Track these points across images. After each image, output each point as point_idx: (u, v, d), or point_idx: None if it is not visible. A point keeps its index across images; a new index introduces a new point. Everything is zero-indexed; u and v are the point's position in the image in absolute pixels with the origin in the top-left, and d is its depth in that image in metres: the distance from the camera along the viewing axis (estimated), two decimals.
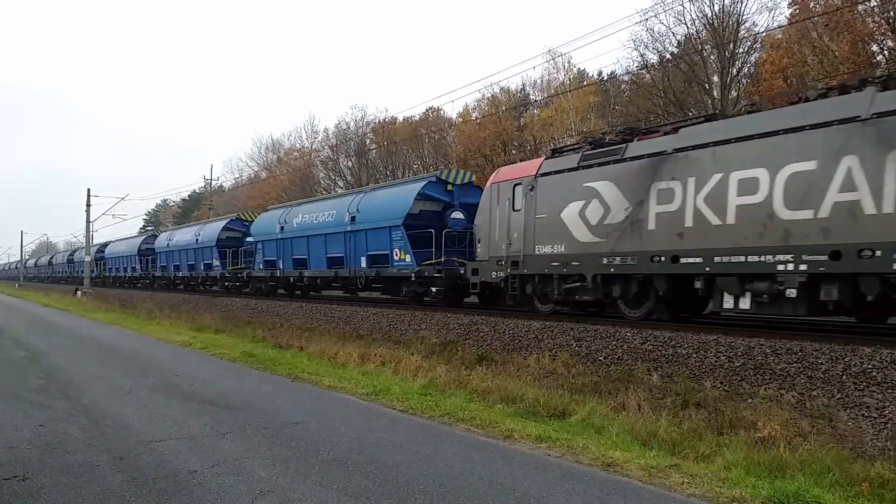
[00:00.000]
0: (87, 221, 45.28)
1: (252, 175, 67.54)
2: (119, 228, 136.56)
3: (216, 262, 29.25)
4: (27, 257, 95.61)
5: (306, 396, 9.64)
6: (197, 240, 31.42)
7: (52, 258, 76.36)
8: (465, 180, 18.01)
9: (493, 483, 5.62)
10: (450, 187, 17.52)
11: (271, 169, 63.11)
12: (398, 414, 8.47)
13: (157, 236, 40.09)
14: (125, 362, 13.06)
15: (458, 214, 17.18)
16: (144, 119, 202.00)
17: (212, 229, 30.59)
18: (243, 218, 29.45)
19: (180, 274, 33.97)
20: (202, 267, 31.04)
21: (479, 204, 15.27)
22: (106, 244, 50.27)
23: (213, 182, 59.63)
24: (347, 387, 10.18)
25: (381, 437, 7.19)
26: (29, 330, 20.53)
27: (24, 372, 11.57)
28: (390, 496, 5.25)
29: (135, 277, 41.76)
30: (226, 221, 30.37)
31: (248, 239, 26.69)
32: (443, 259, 16.36)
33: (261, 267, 25.08)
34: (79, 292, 40.12)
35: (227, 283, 28.88)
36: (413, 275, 16.83)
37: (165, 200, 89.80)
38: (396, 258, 17.46)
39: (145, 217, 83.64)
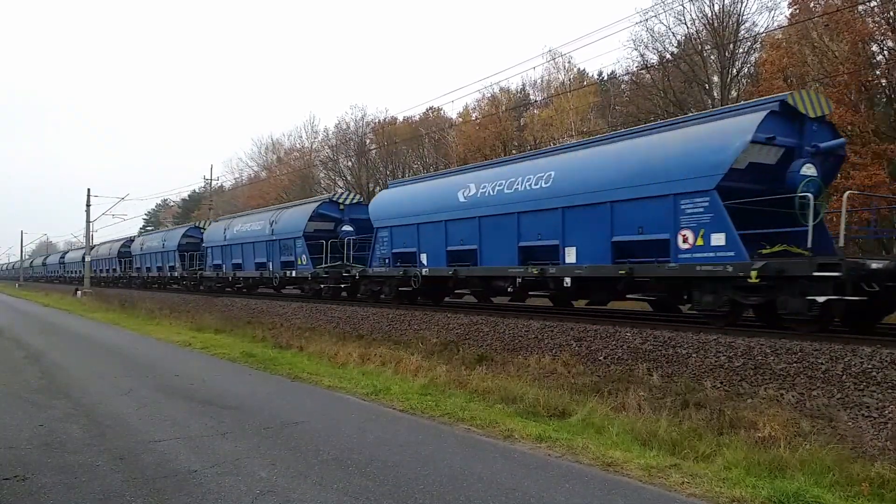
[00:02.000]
0: (87, 221, 45.43)
1: (252, 175, 67.61)
2: (119, 228, 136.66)
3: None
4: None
5: (306, 396, 9.64)
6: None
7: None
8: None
9: (493, 483, 5.61)
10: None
11: (271, 169, 63.14)
12: (398, 414, 8.47)
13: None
14: (125, 362, 13.07)
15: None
16: (144, 119, 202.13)
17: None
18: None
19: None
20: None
21: None
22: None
23: (214, 182, 59.57)
24: (347, 387, 10.18)
25: (381, 436, 7.19)
26: (29, 330, 20.53)
27: (25, 372, 11.58)
28: (390, 496, 5.25)
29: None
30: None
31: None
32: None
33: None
34: (79, 292, 40.21)
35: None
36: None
37: (165, 200, 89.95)
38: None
39: (145, 217, 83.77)
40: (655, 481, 5.80)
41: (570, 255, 12.24)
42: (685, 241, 10.15)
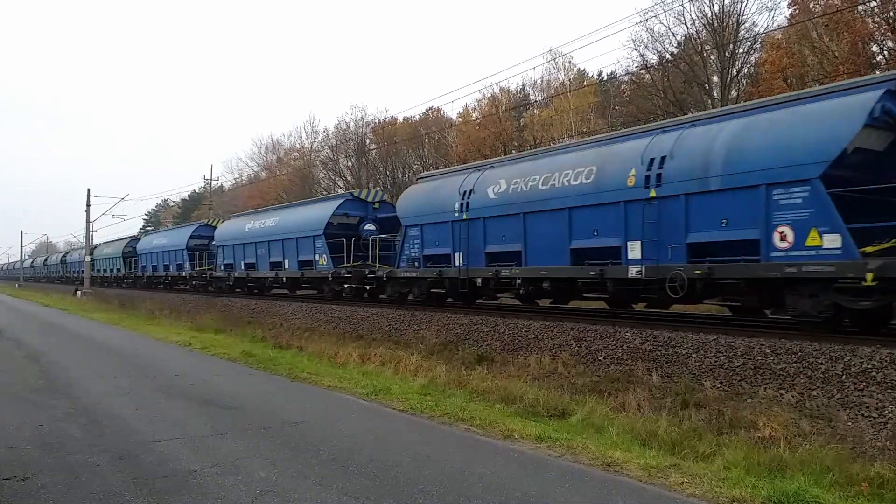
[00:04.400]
0: (87, 221, 45.46)
1: (252, 175, 67.58)
2: (119, 228, 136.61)
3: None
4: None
5: (306, 396, 9.64)
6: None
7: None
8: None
9: (493, 483, 5.62)
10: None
11: (271, 169, 63.13)
12: (398, 414, 8.47)
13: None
14: (125, 362, 13.06)
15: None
16: (144, 119, 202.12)
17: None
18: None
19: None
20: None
21: None
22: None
23: (214, 182, 59.55)
24: (347, 387, 10.18)
25: (381, 436, 7.20)
26: (29, 330, 20.53)
27: (25, 372, 11.58)
28: (390, 496, 5.25)
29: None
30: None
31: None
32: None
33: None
34: (79, 292, 40.23)
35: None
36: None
37: (166, 200, 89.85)
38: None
39: (145, 217, 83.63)
40: (655, 481, 5.80)
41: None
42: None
